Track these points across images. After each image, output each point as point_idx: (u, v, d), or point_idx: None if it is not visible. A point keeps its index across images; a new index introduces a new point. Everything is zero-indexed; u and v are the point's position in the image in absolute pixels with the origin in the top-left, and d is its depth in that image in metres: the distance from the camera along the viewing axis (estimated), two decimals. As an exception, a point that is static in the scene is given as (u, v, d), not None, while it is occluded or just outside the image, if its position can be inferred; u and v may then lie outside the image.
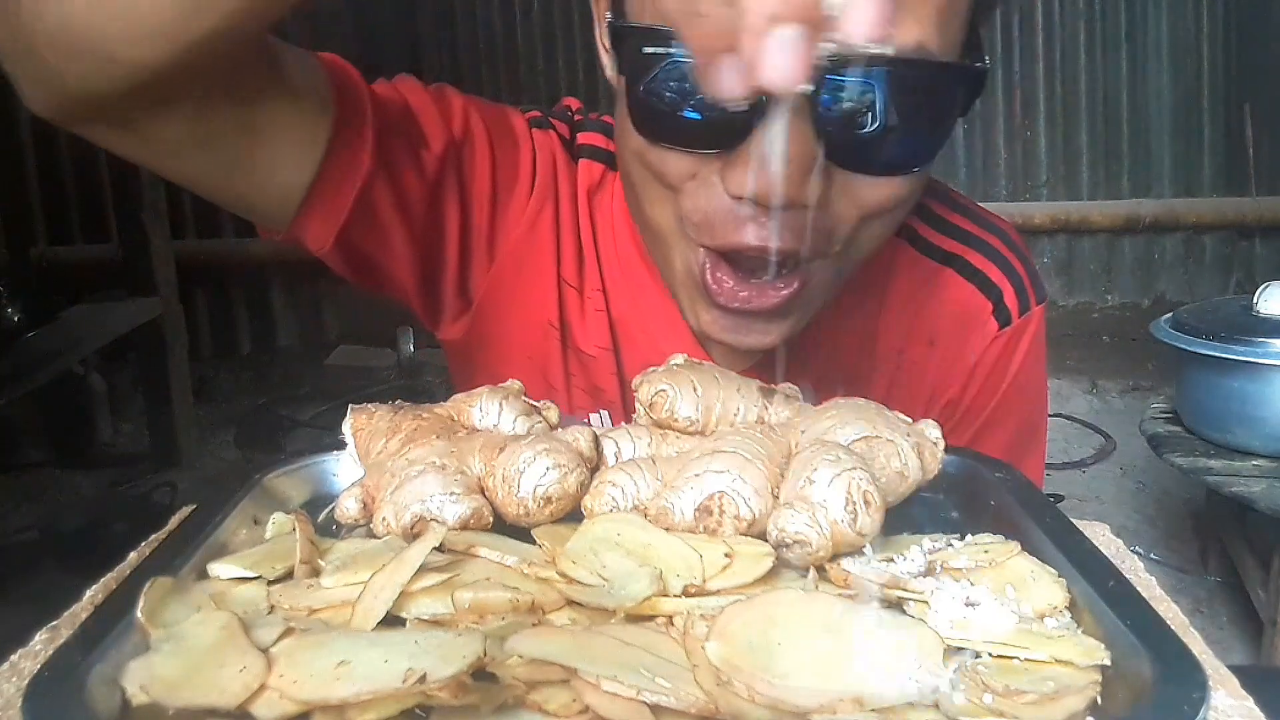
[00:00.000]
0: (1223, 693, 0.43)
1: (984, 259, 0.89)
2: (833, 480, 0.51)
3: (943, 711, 0.40)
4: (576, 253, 0.88)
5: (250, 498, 0.60)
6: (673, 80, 0.66)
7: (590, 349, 0.89)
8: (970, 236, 0.89)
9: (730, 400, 0.62)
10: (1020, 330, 0.89)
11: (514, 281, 0.87)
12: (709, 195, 0.68)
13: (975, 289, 0.88)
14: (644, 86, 0.67)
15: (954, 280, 0.88)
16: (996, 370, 0.89)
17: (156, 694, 0.41)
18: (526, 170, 0.86)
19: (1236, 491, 2.11)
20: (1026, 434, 0.94)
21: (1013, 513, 0.57)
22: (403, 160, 0.78)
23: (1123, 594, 0.47)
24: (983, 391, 0.89)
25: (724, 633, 0.42)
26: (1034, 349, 0.90)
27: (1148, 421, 2.45)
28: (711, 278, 0.71)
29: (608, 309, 0.88)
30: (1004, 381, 0.89)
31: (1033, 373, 0.91)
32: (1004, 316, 0.88)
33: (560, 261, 0.87)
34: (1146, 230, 4.70)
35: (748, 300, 0.71)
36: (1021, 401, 0.91)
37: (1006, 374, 0.89)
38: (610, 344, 0.88)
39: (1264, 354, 2.10)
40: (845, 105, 0.63)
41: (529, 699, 0.41)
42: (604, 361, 0.88)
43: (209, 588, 0.49)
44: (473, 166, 0.83)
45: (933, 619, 0.45)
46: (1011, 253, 0.90)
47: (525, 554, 0.52)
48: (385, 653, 0.41)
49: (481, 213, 0.84)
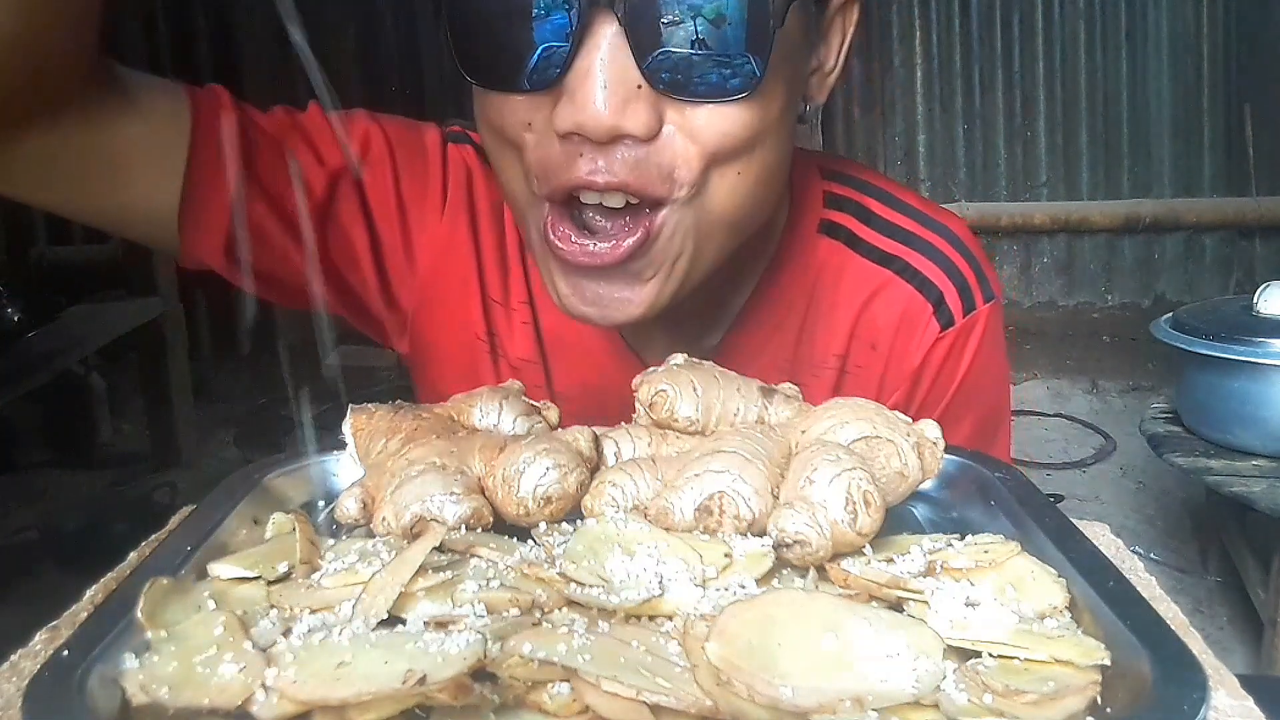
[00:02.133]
0: (1223, 693, 0.43)
1: (925, 259, 0.87)
2: (833, 480, 0.51)
3: (943, 711, 0.40)
4: (500, 265, 0.88)
5: (250, 498, 0.60)
6: (486, 15, 0.65)
7: (518, 360, 0.89)
8: (912, 236, 0.87)
9: (730, 400, 0.62)
10: (966, 330, 0.87)
11: (440, 296, 0.88)
12: (543, 141, 0.67)
13: (915, 290, 0.86)
14: (464, 29, 0.66)
15: (893, 282, 0.86)
16: (944, 372, 0.87)
17: (156, 694, 0.41)
18: (436, 186, 0.86)
19: (1236, 491, 2.11)
20: (988, 428, 0.92)
21: (1013, 513, 0.57)
22: (283, 179, 0.79)
23: (1123, 594, 0.47)
24: (931, 393, 0.88)
25: (724, 633, 0.42)
26: (985, 348, 0.88)
27: (1148, 421, 2.45)
28: (554, 233, 0.68)
29: (535, 320, 0.88)
30: (953, 383, 0.87)
31: (987, 371, 0.90)
32: (946, 317, 0.86)
33: (483, 276, 0.88)
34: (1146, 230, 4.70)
35: (591, 253, 0.68)
36: (978, 398, 0.90)
37: (955, 375, 0.87)
38: (538, 355, 0.88)
39: (1264, 354, 2.10)
40: (660, 26, 0.62)
41: (529, 699, 0.41)
42: (531, 373, 0.88)
43: (209, 588, 0.49)
44: (372, 183, 0.84)
45: (933, 619, 0.45)
46: (956, 251, 0.87)
47: (525, 554, 0.52)
48: (385, 653, 0.42)
49: (390, 228, 0.85)
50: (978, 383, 0.89)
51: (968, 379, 0.88)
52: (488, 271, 0.88)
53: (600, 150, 0.65)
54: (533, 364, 0.88)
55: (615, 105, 0.63)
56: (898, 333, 0.87)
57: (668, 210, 0.68)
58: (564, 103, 0.64)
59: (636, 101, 0.63)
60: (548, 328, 0.88)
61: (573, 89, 0.63)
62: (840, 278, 0.87)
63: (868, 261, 0.87)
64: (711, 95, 0.65)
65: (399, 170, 0.85)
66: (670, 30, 0.62)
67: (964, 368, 0.87)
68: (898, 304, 0.87)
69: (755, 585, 0.49)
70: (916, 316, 0.86)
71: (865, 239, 0.87)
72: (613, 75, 0.62)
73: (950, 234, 0.88)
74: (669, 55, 0.63)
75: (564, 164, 0.66)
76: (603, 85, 0.62)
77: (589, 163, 0.65)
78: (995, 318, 0.89)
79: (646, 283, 0.70)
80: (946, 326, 0.86)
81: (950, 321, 0.86)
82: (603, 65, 0.62)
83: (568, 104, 0.63)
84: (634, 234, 0.67)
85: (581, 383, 0.89)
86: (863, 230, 0.88)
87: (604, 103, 0.62)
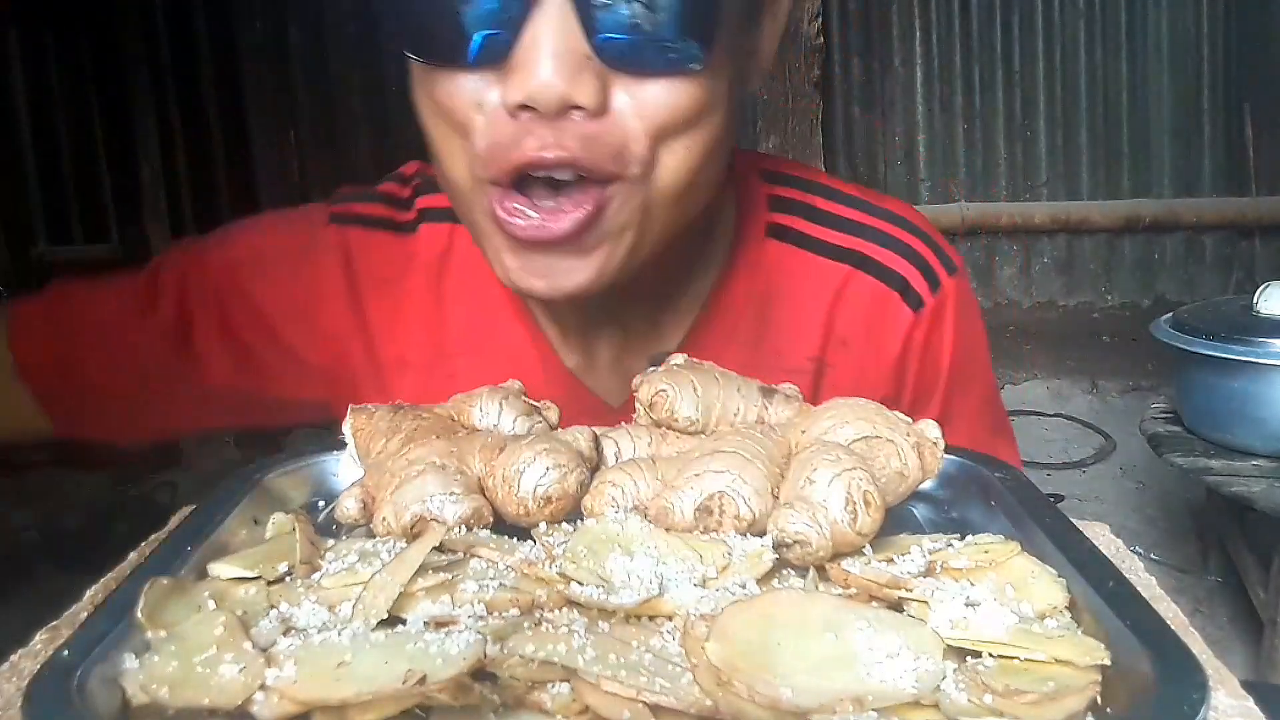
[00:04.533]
0: (1223, 693, 0.43)
1: (880, 248, 0.86)
2: (833, 480, 0.51)
3: (943, 711, 0.40)
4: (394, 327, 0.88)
5: (250, 498, 0.60)
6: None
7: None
8: (862, 227, 0.87)
9: (730, 400, 0.62)
10: (940, 307, 0.87)
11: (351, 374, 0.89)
12: (492, 121, 0.66)
13: (877, 281, 0.86)
14: (408, 7, 0.66)
15: (853, 276, 0.86)
16: (930, 351, 0.87)
17: (156, 694, 0.41)
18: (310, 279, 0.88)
19: (1236, 491, 2.11)
20: (991, 395, 0.92)
21: (1013, 513, 0.57)
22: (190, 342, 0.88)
23: (1123, 594, 0.47)
24: (922, 377, 0.87)
25: (724, 633, 0.42)
26: (963, 320, 0.88)
27: (1148, 421, 2.45)
28: (502, 209, 0.68)
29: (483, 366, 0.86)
30: (943, 361, 0.87)
31: (972, 340, 0.90)
32: (915, 300, 0.86)
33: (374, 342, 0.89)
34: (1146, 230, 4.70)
35: (540, 230, 0.67)
36: (974, 370, 0.90)
37: (943, 354, 0.87)
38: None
39: (1264, 354, 2.10)
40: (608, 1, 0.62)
41: (529, 699, 0.41)
42: None
43: (209, 588, 0.49)
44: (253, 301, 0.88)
45: (933, 619, 0.45)
46: (908, 233, 0.87)
47: (525, 554, 0.52)
48: (385, 653, 0.42)
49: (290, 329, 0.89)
50: (969, 354, 0.89)
51: (957, 353, 0.88)
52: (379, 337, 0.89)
53: (550, 125, 0.65)
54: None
55: (565, 75, 0.63)
56: (870, 325, 0.86)
57: (616, 185, 0.68)
58: (514, 76, 0.64)
59: (585, 73, 0.63)
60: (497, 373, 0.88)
61: (522, 61, 0.63)
62: (797, 279, 0.87)
63: (823, 259, 0.87)
64: (660, 70, 0.65)
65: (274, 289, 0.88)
66: (618, 4, 0.62)
67: (948, 344, 0.87)
68: (863, 297, 0.86)
69: (755, 585, 0.49)
70: (885, 305, 0.86)
71: (816, 237, 0.87)
72: (561, 45, 0.62)
73: (897, 218, 0.88)
74: (618, 28, 0.63)
75: (513, 142, 0.66)
76: (551, 54, 0.62)
77: (539, 139, 0.65)
78: (963, 287, 0.89)
79: (593, 252, 0.70)
80: (918, 309, 0.86)
81: (920, 303, 0.86)
82: (551, 36, 0.62)
83: (517, 76, 0.63)
84: (583, 207, 0.67)
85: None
86: (811, 229, 0.87)
87: (553, 72, 0.62)
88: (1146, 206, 4.64)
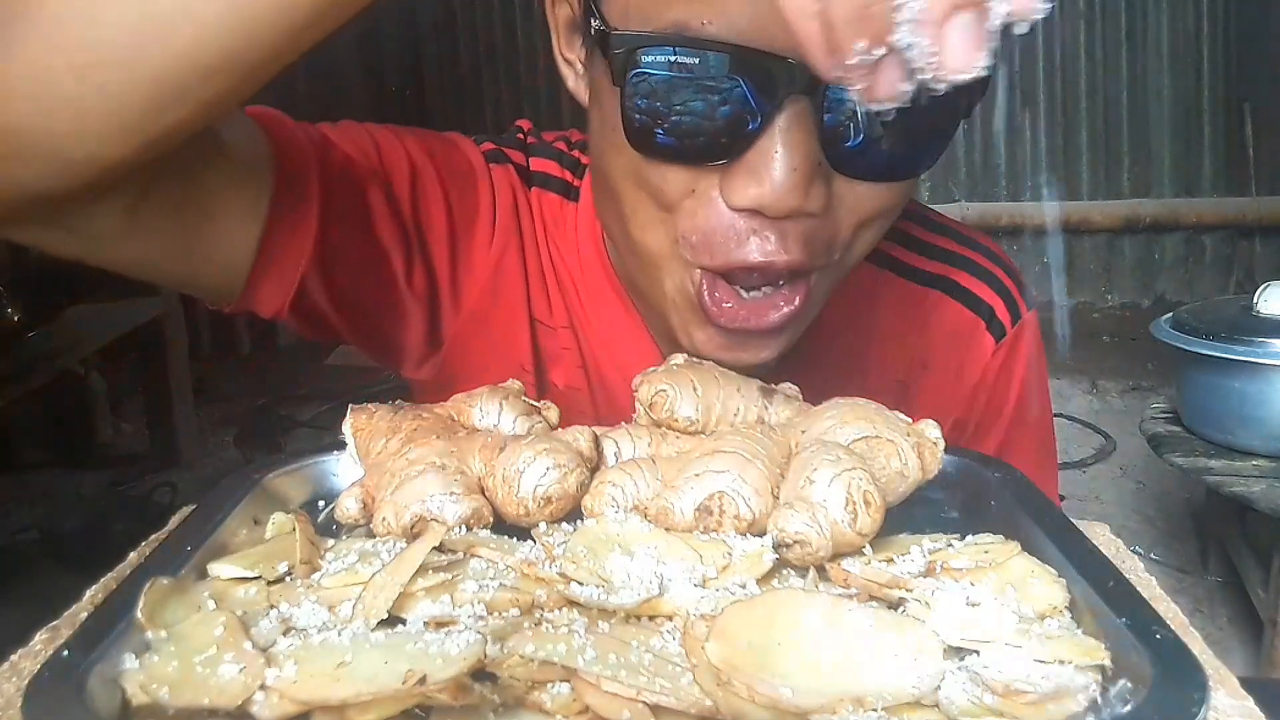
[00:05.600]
0: (1223, 693, 0.43)
1: (971, 277, 0.88)
2: (833, 480, 0.51)
3: (943, 711, 0.40)
4: (543, 289, 0.85)
5: (250, 498, 0.60)
6: (672, 90, 0.62)
7: (566, 388, 0.86)
8: (954, 256, 0.88)
9: (730, 400, 0.62)
10: (1016, 338, 0.88)
11: (483, 326, 0.84)
12: (708, 212, 0.65)
13: (965, 308, 0.87)
14: (641, 98, 0.63)
15: (943, 302, 0.87)
16: (1000, 382, 0.88)
17: (156, 694, 0.41)
18: (486, 210, 0.82)
19: (1236, 491, 2.11)
20: (1047, 445, 0.93)
21: (1013, 513, 0.57)
22: (352, 216, 0.74)
23: (1123, 594, 0.47)
24: (990, 406, 0.88)
25: (724, 633, 0.42)
26: (1034, 355, 0.89)
27: (1148, 421, 2.45)
28: (710, 299, 0.68)
29: (578, 345, 0.86)
30: (1012, 390, 0.88)
31: (1039, 378, 0.91)
32: (998, 330, 0.87)
33: (530, 301, 0.85)
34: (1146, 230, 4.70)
35: (747, 320, 0.68)
36: (1035, 405, 0.91)
37: (1013, 382, 0.88)
38: (584, 383, 0.86)
39: (1264, 354, 2.10)
40: (847, 110, 0.61)
41: (529, 699, 0.41)
42: (577, 401, 0.85)
43: (209, 588, 0.49)
44: (428, 214, 0.79)
45: (933, 619, 0.45)
46: (997, 266, 0.89)
47: (525, 554, 0.52)
48: (385, 653, 0.42)
49: (442, 261, 0.81)
50: (1035, 387, 0.90)
51: (1025, 385, 0.89)
52: (535, 297, 0.85)
53: (774, 227, 0.64)
54: (579, 392, 0.86)
55: (799, 186, 0.62)
56: (952, 350, 0.87)
57: (818, 275, 0.69)
58: (744, 178, 0.62)
59: (817, 181, 0.63)
60: (588, 352, 0.86)
61: (754, 165, 0.62)
62: (888, 304, 0.87)
63: (914, 285, 0.88)
64: (890, 177, 0.66)
65: (450, 199, 0.80)
66: (860, 117, 0.61)
67: (1019, 376, 0.88)
68: (950, 323, 0.87)
69: (755, 585, 0.49)
70: (971, 333, 0.87)
71: (909, 263, 0.88)
72: (800, 156, 0.61)
73: (987, 250, 0.90)
74: (855, 139, 0.62)
75: (733, 239, 0.65)
76: (789, 165, 0.61)
77: (763, 240, 0.64)
78: (1036, 323, 0.90)
79: (784, 334, 0.71)
80: (999, 339, 0.87)
81: (1002, 333, 0.87)
82: (792, 145, 0.61)
83: (748, 180, 0.62)
84: (792, 303, 0.68)
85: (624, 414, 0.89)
86: (906, 255, 0.88)
87: (791, 184, 0.61)
88: (1146, 206, 4.65)
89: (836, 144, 0.62)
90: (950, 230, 0.90)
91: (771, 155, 0.61)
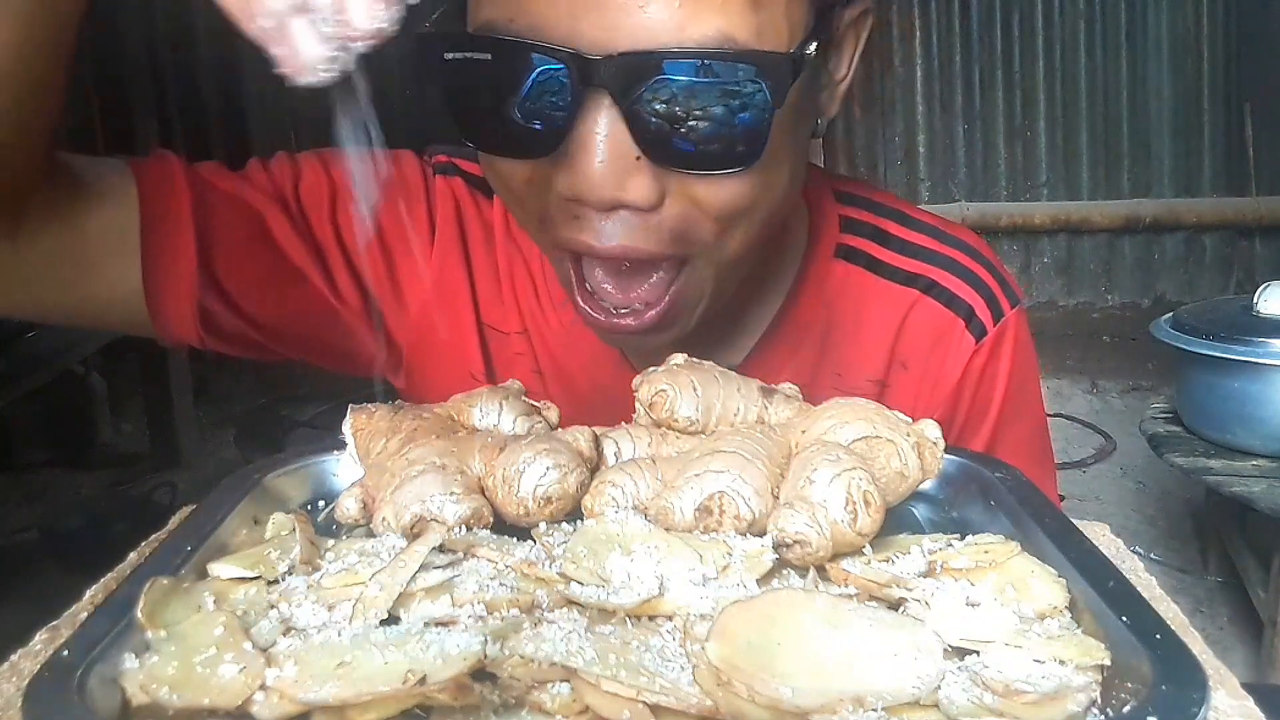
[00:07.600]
0: (1223, 693, 0.43)
1: (949, 275, 0.87)
2: (833, 480, 0.51)
3: (943, 711, 0.40)
4: (497, 295, 0.87)
5: (250, 498, 0.60)
6: (484, 88, 0.65)
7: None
8: (933, 254, 0.87)
9: (730, 400, 0.62)
10: (999, 337, 0.87)
11: (431, 332, 0.86)
12: (548, 197, 0.67)
13: (943, 307, 0.86)
14: (461, 96, 0.66)
15: (921, 301, 0.86)
16: (984, 382, 0.87)
17: (156, 694, 0.41)
18: (423, 220, 0.85)
19: (1236, 491, 2.11)
20: (1039, 430, 0.93)
21: (1013, 513, 0.57)
22: (242, 242, 0.78)
23: (1123, 594, 0.47)
24: (974, 406, 0.88)
25: (724, 633, 0.42)
26: (1019, 352, 0.88)
27: (1148, 421, 2.45)
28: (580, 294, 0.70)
29: (532, 350, 0.87)
30: (995, 392, 0.88)
31: (1026, 374, 0.90)
32: (978, 329, 0.86)
33: (479, 307, 0.87)
34: (1146, 230, 4.70)
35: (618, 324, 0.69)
36: (1024, 402, 0.90)
37: (997, 382, 0.87)
38: (540, 386, 0.87)
39: (1264, 354, 2.10)
40: (654, 102, 0.61)
41: (529, 699, 0.41)
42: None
43: (209, 588, 0.49)
44: (350, 230, 0.82)
45: (933, 619, 0.45)
46: (977, 264, 0.88)
47: (525, 554, 0.52)
48: (385, 653, 0.42)
49: (376, 271, 0.84)
50: (1022, 386, 0.89)
51: (1011, 384, 0.88)
52: (486, 303, 0.87)
53: (601, 215, 0.65)
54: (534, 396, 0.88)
55: (614, 177, 0.63)
56: (931, 350, 0.87)
57: (687, 269, 0.69)
58: (564, 169, 0.64)
59: (637, 173, 0.63)
60: (546, 358, 0.87)
61: (571, 157, 0.63)
62: (863, 302, 0.87)
63: (892, 284, 0.87)
64: (712, 167, 0.65)
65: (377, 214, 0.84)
66: (667, 108, 0.61)
67: (1004, 375, 0.87)
68: (928, 322, 0.86)
69: (755, 585, 0.49)
70: (949, 332, 0.86)
71: (886, 261, 0.87)
72: (610, 149, 0.62)
73: (967, 246, 0.89)
74: (666, 133, 0.62)
75: (566, 223, 0.67)
76: (601, 159, 0.62)
77: (589, 227, 0.66)
78: (1022, 320, 0.89)
79: (672, 327, 0.72)
80: (980, 338, 0.86)
81: (983, 333, 0.86)
82: (599, 138, 0.62)
83: (568, 171, 0.63)
84: (654, 308, 0.69)
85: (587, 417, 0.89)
86: (881, 253, 0.87)
87: (602, 175, 0.62)
88: (1146, 206, 4.65)
89: (649, 137, 0.62)
90: (931, 228, 0.89)
91: (581, 148, 0.62)
